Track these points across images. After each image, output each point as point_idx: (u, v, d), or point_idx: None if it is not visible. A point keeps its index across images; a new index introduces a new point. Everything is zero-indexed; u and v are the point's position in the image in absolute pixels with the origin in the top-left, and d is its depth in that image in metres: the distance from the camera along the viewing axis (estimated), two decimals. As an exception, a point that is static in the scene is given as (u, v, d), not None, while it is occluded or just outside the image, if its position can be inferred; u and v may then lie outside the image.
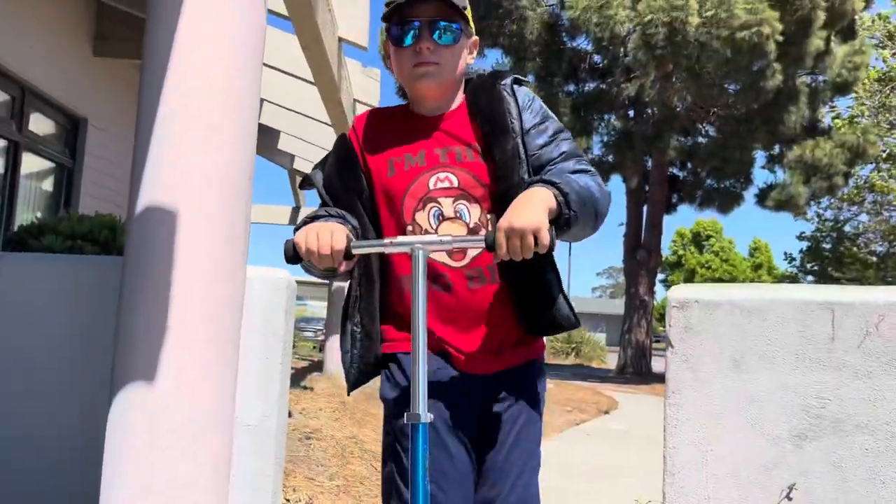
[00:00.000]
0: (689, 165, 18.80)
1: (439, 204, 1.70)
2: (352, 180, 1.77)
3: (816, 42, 12.36)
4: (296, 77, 6.48)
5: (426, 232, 1.68)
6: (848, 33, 14.32)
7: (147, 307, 1.97)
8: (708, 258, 49.74)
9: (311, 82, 5.63)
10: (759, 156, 16.63)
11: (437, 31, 1.68)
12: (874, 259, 18.19)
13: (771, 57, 11.42)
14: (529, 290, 1.73)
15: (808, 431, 1.99)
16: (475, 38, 1.83)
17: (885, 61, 16.85)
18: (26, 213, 6.79)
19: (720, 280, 47.76)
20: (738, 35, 10.86)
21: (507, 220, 1.46)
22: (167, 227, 1.96)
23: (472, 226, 1.70)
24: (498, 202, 1.66)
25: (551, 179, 1.56)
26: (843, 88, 14.85)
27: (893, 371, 1.91)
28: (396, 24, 1.69)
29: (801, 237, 22.68)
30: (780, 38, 11.12)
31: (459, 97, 1.81)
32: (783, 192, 15.47)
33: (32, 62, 6.26)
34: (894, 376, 1.91)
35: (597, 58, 16.59)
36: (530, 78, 16.56)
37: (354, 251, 1.52)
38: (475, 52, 1.83)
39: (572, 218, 1.53)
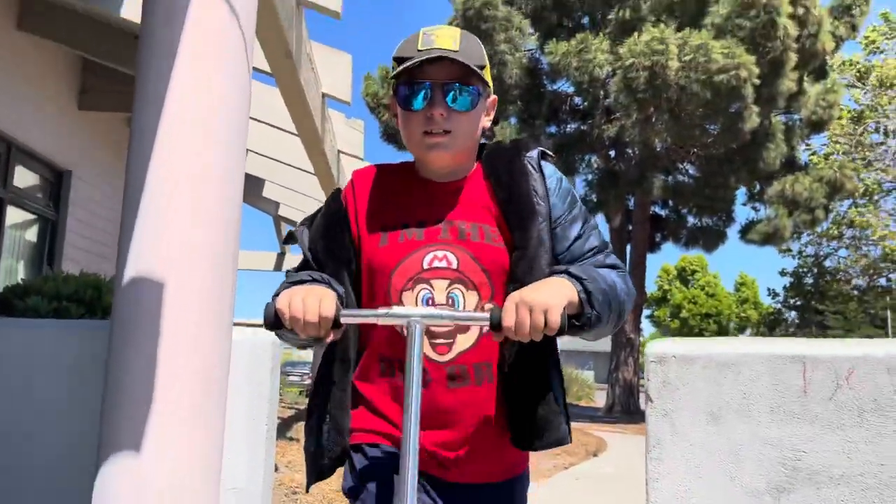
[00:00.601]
0: (671, 203, 19.04)
1: (431, 287, 1.49)
2: (339, 248, 1.58)
3: (789, 83, 12.67)
4: (279, 129, 6.57)
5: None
6: (820, 73, 14.69)
7: (133, 373, 1.98)
8: (694, 293, 49.91)
9: (295, 133, 5.72)
10: (740, 193, 16.89)
11: (452, 95, 1.49)
12: (856, 293, 18.40)
13: (749, 99, 11.68)
14: (524, 398, 1.52)
15: (786, 484, 2.02)
16: (493, 97, 1.64)
17: (857, 101, 17.25)
18: (10, 265, 6.77)
19: (707, 315, 47.89)
20: (717, 78, 11.13)
21: (518, 293, 1.33)
22: (153, 296, 1.99)
23: None
24: (503, 292, 1.48)
25: (577, 273, 1.41)
26: (818, 126, 15.17)
27: (864, 423, 1.96)
28: (405, 84, 1.51)
29: (783, 273, 22.93)
30: (758, 81, 11.39)
31: (474, 164, 1.62)
32: (769, 224, 15.68)
33: (18, 118, 6.32)
34: (865, 428, 1.96)
35: (577, 100, 16.89)
36: (512, 121, 16.80)
37: (343, 320, 1.35)
38: (493, 113, 1.64)
39: (593, 319, 1.39)
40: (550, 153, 1.65)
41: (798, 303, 21.94)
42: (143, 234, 2.14)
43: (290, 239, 1.71)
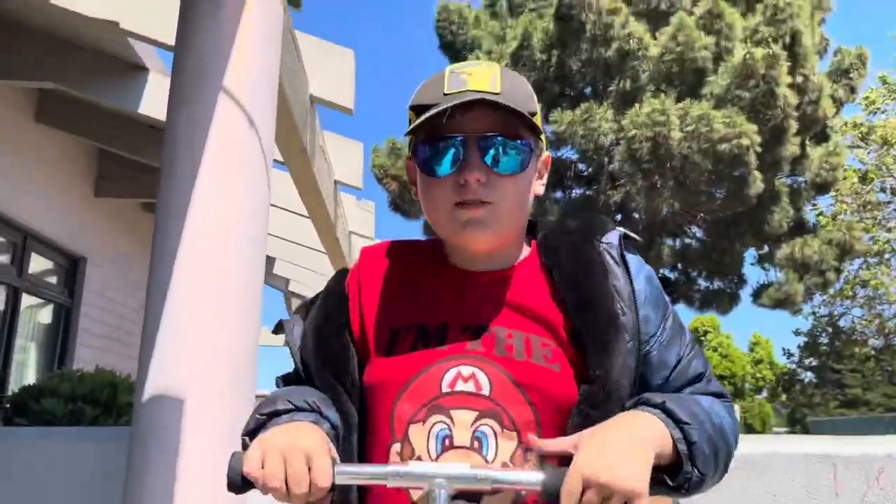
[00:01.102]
0: (680, 267, 19.01)
1: (450, 420, 1.07)
2: (333, 354, 1.18)
3: (792, 148, 12.78)
4: (292, 212, 6.66)
5: (418, 459, 1.07)
6: (822, 136, 14.82)
7: (153, 485, 1.97)
8: (707, 355, 49.22)
9: (306, 216, 5.80)
10: (749, 254, 16.89)
11: (493, 153, 1.09)
12: (873, 352, 18.18)
13: (752, 166, 11.79)
14: None
15: (823, 591, 1.97)
16: (547, 154, 1.23)
17: (861, 161, 17.42)
18: (25, 349, 6.78)
19: (721, 377, 47.12)
20: (719, 147, 11.26)
21: (588, 461, 0.95)
22: (174, 410, 1.99)
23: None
24: (553, 432, 1.07)
25: (676, 412, 1.03)
26: (822, 188, 15.21)
27: (899, 526, 1.92)
28: (428, 142, 1.11)
29: (797, 333, 22.70)
30: (760, 149, 11.51)
31: (525, 248, 1.23)
32: (780, 290, 15.58)
33: (34, 208, 6.43)
34: (900, 531, 1.92)
35: (581, 166, 17.08)
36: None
37: (339, 480, 0.99)
38: (546, 175, 1.23)
39: (693, 480, 1.01)
40: (635, 236, 1.24)
41: (814, 363, 21.67)
42: (165, 346, 2.16)
43: (280, 329, 1.31)
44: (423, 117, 1.08)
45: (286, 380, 1.26)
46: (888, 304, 17.29)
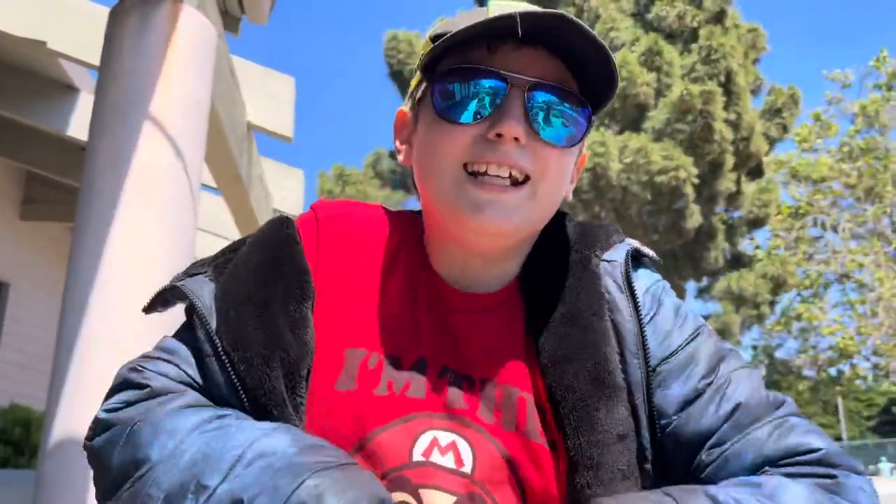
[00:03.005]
0: (622, 298, 19.26)
1: (417, 502, 0.79)
2: (288, 357, 0.78)
3: (728, 183, 13.19)
4: (226, 238, 6.50)
5: None
6: (756, 172, 15.32)
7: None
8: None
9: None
10: (691, 288, 17.29)
11: (544, 111, 0.80)
12: (807, 384, 18.73)
13: (689, 199, 12.10)
14: None
15: None
16: (586, 152, 0.94)
17: (794, 198, 18.07)
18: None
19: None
20: (657, 179, 11.54)
21: None
22: (82, 459, 1.86)
23: None
24: None
25: None
26: (756, 223, 15.70)
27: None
28: (452, 75, 0.80)
29: (734, 363, 23.17)
30: (696, 181, 11.84)
31: (518, 263, 0.90)
32: (718, 320, 15.95)
33: (-46, 232, 6.13)
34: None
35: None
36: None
37: None
38: (577, 180, 0.93)
39: None
40: (649, 253, 0.92)
41: (751, 393, 22.13)
42: (78, 381, 2.03)
43: (162, 302, 0.85)
44: (465, 26, 0.76)
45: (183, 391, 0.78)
46: (822, 336, 17.86)
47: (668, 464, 0.82)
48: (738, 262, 15.97)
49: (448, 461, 0.80)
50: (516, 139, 0.78)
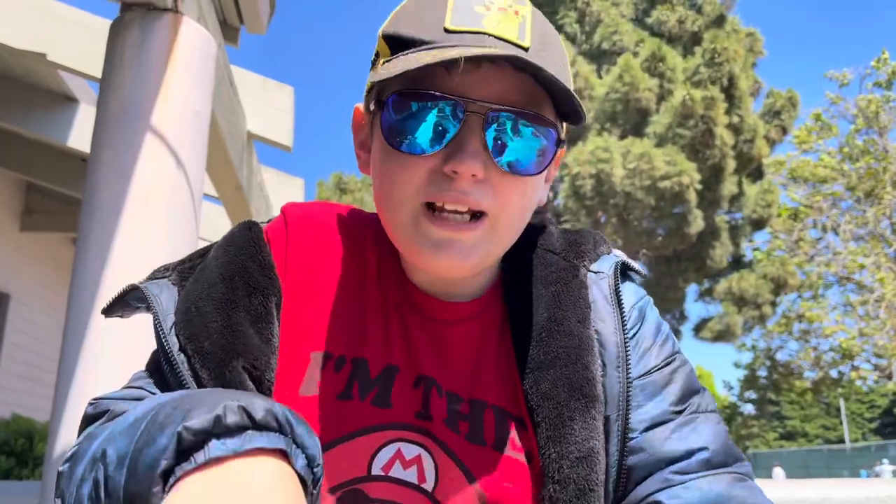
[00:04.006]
0: (624, 302, 19.25)
1: None
2: (250, 355, 0.73)
3: (730, 186, 13.21)
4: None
5: None
6: (758, 175, 15.34)
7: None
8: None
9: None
10: (692, 291, 17.30)
11: (503, 138, 0.73)
12: (809, 385, 18.68)
13: (692, 203, 12.11)
14: None
15: None
16: (562, 148, 0.82)
17: (793, 199, 18.05)
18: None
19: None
20: (660, 184, 11.54)
21: None
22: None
23: None
24: None
25: None
26: (758, 224, 15.71)
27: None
28: (404, 97, 0.72)
29: (737, 366, 23.22)
30: (699, 186, 11.85)
31: (496, 270, 0.87)
32: (720, 321, 15.95)
33: (-45, 244, 6.13)
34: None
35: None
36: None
37: None
38: (555, 175, 0.88)
39: None
40: (637, 266, 0.89)
41: (753, 396, 22.14)
42: (82, 391, 2.02)
43: (120, 305, 0.82)
44: (410, 60, 0.68)
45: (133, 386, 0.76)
46: (823, 337, 17.82)
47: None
48: (739, 263, 16.00)
49: (410, 476, 0.76)
50: (473, 175, 0.71)
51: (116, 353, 2.04)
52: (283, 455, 0.55)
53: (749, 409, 24.55)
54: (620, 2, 13.85)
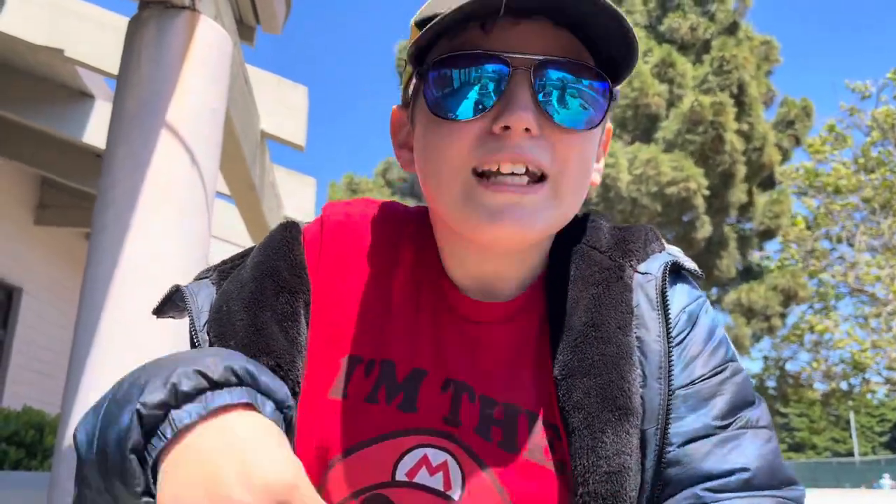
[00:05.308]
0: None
1: None
2: (274, 354, 0.73)
3: (739, 194, 13.17)
4: (239, 246, 6.53)
5: None
6: (768, 183, 15.28)
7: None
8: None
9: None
10: (699, 299, 17.18)
11: (555, 95, 0.69)
12: (819, 398, 18.55)
13: (700, 210, 12.08)
14: None
15: None
16: (609, 125, 0.84)
17: (809, 209, 17.94)
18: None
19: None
20: (667, 191, 11.53)
21: None
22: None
23: None
24: None
25: None
26: (767, 235, 15.65)
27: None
28: (445, 64, 0.70)
29: (746, 375, 23.06)
30: (707, 193, 11.82)
31: (539, 268, 0.82)
32: (729, 333, 15.93)
33: (-30, 237, 6.19)
34: None
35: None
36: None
37: None
38: (604, 158, 0.85)
39: None
40: (691, 267, 0.83)
41: (761, 406, 21.99)
42: (91, 385, 2.04)
43: (169, 305, 0.83)
44: (447, 12, 0.65)
45: None
46: (834, 349, 17.70)
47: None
48: (748, 273, 15.93)
49: (436, 482, 0.73)
50: (527, 130, 0.67)
51: (129, 347, 2.07)
52: (250, 406, 0.56)
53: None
54: (634, 10, 13.84)
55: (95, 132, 5.32)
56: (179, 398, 0.54)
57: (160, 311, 0.83)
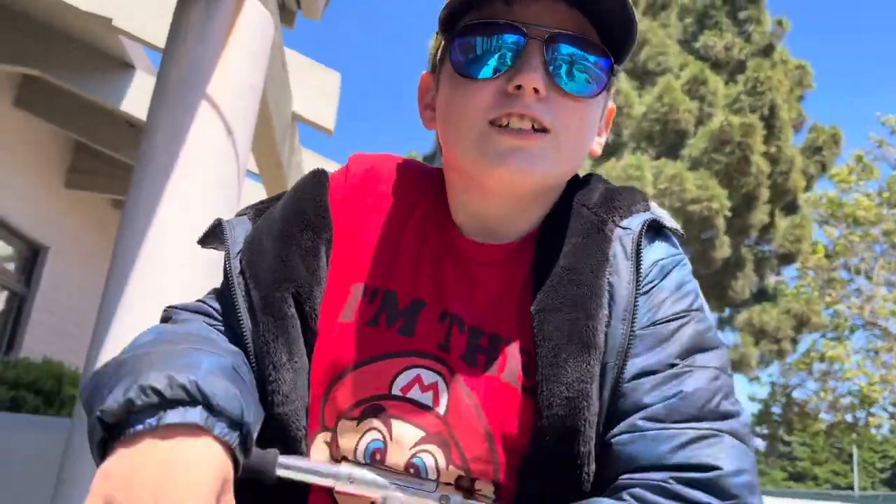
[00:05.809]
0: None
1: (387, 432, 0.83)
2: (297, 281, 0.85)
3: (761, 216, 13.14)
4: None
5: (343, 460, 0.84)
6: (791, 208, 15.22)
7: (87, 476, 1.96)
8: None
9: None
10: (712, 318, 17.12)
11: (564, 61, 0.82)
12: (823, 428, 18.44)
13: (720, 229, 12.07)
14: None
15: None
16: (612, 106, 0.96)
17: (830, 238, 17.81)
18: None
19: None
20: (690, 208, 11.52)
21: None
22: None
23: None
24: (511, 482, 0.82)
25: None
26: (786, 259, 15.58)
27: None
28: (469, 31, 0.83)
29: (752, 398, 23.02)
30: (729, 213, 11.81)
31: (538, 217, 0.92)
32: (736, 351, 15.85)
33: (3, 194, 6.36)
34: None
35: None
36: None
37: (281, 474, 0.78)
38: (607, 133, 0.96)
39: None
40: (673, 226, 0.91)
41: (765, 431, 21.93)
42: (117, 343, 2.16)
43: (212, 238, 0.95)
44: None
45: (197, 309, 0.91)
46: (843, 380, 17.59)
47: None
48: (762, 296, 15.87)
49: (426, 399, 0.83)
50: (536, 91, 0.80)
51: (155, 308, 2.18)
52: (198, 429, 0.65)
53: (758, 443, 24.29)
54: (669, 24, 13.84)
55: (133, 102, 5.47)
56: (134, 409, 0.65)
57: (204, 241, 0.95)
